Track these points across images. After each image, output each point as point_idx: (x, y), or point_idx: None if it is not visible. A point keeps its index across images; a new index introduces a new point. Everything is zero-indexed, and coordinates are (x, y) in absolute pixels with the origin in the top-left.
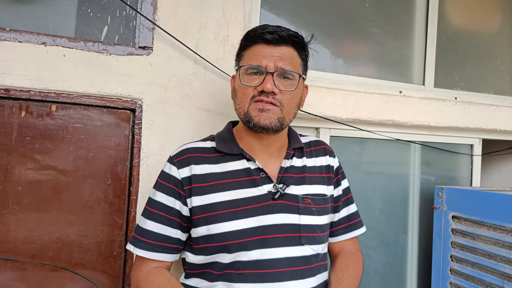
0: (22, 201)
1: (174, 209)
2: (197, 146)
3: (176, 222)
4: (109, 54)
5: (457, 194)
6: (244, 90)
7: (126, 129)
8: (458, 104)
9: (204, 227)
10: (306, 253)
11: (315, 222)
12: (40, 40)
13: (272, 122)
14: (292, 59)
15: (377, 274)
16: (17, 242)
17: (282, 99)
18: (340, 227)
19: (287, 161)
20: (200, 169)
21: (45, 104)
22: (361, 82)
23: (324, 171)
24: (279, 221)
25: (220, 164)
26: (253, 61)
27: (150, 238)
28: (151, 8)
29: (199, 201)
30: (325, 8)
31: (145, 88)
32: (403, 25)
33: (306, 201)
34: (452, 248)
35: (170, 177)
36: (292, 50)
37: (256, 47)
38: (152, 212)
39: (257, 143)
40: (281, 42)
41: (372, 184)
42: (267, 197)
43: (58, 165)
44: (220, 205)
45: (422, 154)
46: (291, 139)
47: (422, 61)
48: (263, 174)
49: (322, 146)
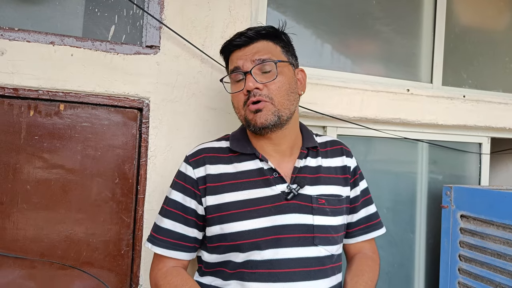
0: (31, 200)
1: (190, 208)
2: (213, 146)
3: (192, 221)
4: (117, 53)
5: (466, 193)
6: (236, 98)
7: (134, 128)
8: (467, 102)
9: (218, 226)
10: (320, 253)
11: (329, 222)
12: (48, 39)
13: (268, 119)
14: (267, 50)
15: (384, 274)
16: (26, 240)
17: (268, 93)
18: (358, 227)
19: (301, 161)
20: (215, 169)
21: (53, 104)
22: (368, 81)
23: (339, 172)
24: (292, 221)
25: (234, 164)
26: (231, 67)
27: (166, 236)
28: (158, 7)
29: (213, 200)
30: (332, 6)
31: (152, 87)
32: (411, 23)
33: (320, 202)
34: (461, 247)
35: (186, 177)
36: (266, 42)
37: (232, 55)
38: (168, 210)
39: (267, 144)
40: (251, 41)
41: (379, 183)
42: (280, 197)
43: (66, 164)
44: (233, 205)
45: (429, 152)
46: (304, 138)
47: (430, 59)
48: (276, 174)
49: (339, 146)
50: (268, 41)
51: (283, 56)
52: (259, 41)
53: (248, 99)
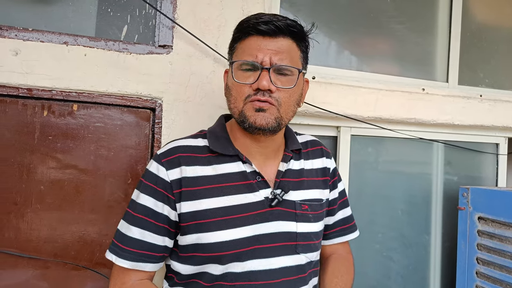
0: (45, 200)
1: (162, 215)
2: (188, 144)
3: (164, 228)
4: (129, 53)
5: (483, 195)
6: (238, 88)
7: (146, 128)
8: (484, 101)
9: (194, 235)
10: (301, 261)
11: (311, 229)
12: (61, 39)
13: (269, 123)
14: (290, 53)
15: (399, 276)
16: (40, 240)
17: (279, 97)
18: (335, 230)
19: (285, 164)
20: (192, 171)
21: (67, 104)
22: (383, 80)
23: (320, 174)
24: (275, 230)
25: (213, 165)
26: (247, 56)
27: (134, 246)
28: (170, 6)
29: (189, 207)
30: (346, 4)
31: (165, 87)
32: (426, 21)
33: (303, 208)
34: (478, 250)
35: (158, 179)
36: (291, 42)
37: (250, 39)
38: (136, 217)
39: (252, 144)
40: (278, 33)
41: (394, 184)
42: (264, 204)
43: (80, 164)
44: (212, 212)
45: (445, 153)
46: (288, 140)
47: (445, 57)
48: (260, 178)
49: (319, 147)
50: (293, 41)
51: (301, 63)
52: (285, 37)
53: (254, 94)
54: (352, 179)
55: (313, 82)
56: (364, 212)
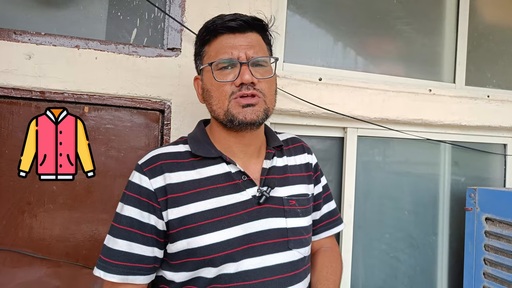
0: (57, 200)
1: (148, 225)
2: (169, 151)
3: (152, 239)
4: (139, 56)
5: (491, 196)
6: (220, 88)
7: (156, 129)
8: (491, 102)
9: (184, 241)
10: (294, 257)
11: (301, 224)
12: (73, 43)
13: (259, 115)
14: (261, 46)
15: (406, 277)
16: (52, 239)
17: (262, 88)
18: (322, 224)
19: (268, 162)
20: (176, 177)
21: (78, 106)
22: (390, 81)
23: (304, 170)
24: (265, 227)
25: (197, 169)
26: (222, 55)
27: (122, 260)
28: (179, 10)
29: (176, 213)
30: (352, 6)
31: (174, 89)
32: (433, 21)
33: (291, 203)
34: (486, 251)
35: (141, 189)
36: (257, 36)
37: (220, 39)
38: (122, 229)
39: (236, 144)
40: (246, 28)
41: (400, 185)
42: (252, 202)
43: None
44: (201, 216)
45: (452, 154)
46: (269, 137)
47: (452, 58)
48: (245, 178)
49: (300, 144)
50: (259, 34)
51: (269, 54)
52: (253, 32)
53: (238, 90)
54: (359, 180)
55: (320, 83)
56: (371, 213)
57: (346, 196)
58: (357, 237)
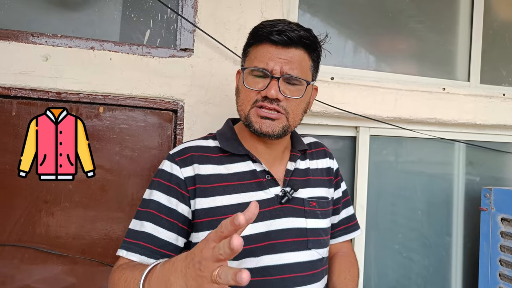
0: (73, 199)
1: (175, 211)
2: (200, 144)
3: (177, 225)
4: (152, 57)
5: (507, 196)
6: (247, 93)
7: (169, 129)
8: (507, 100)
9: (208, 232)
10: (313, 257)
11: (320, 225)
12: (88, 45)
13: (275, 131)
14: (301, 63)
15: (419, 278)
16: (69, 237)
17: (287, 106)
18: (340, 228)
19: (293, 164)
20: (205, 169)
21: (93, 106)
22: (402, 80)
23: (325, 174)
24: (286, 226)
25: (225, 165)
26: (258, 63)
27: (146, 241)
28: (191, 10)
29: (203, 204)
30: (364, 4)
31: (187, 89)
32: (447, 19)
33: (311, 204)
34: (502, 252)
35: (171, 176)
36: (302, 53)
37: (263, 46)
38: (150, 213)
39: (261, 145)
40: (290, 44)
41: (414, 185)
42: (275, 201)
43: (105, 165)
44: (226, 209)
45: (467, 153)
46: (294, 141)
47: (467, 56)
48: (269, 177)
49: (322, 148)
50: (305, 51)
51: (311, 73)
52: (297, 48)
53: (261, 101)
54: (372, 179)
55: (332, 82)
56: (384, 213)
57: (358, 195)
58: (369, 237)
